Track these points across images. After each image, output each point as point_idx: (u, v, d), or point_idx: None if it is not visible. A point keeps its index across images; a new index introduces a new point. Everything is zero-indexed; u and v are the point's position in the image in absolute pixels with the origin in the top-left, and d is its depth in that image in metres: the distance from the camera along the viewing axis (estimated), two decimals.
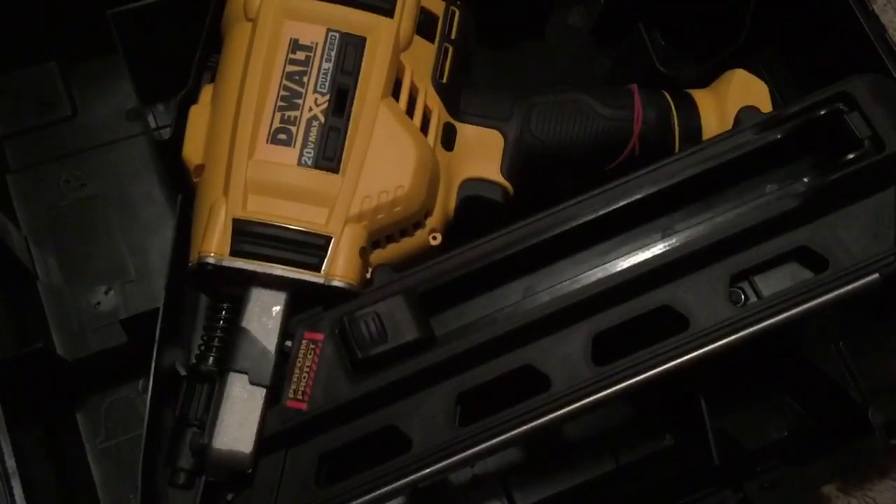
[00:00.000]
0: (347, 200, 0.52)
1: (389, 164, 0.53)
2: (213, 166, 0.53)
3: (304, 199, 0.52)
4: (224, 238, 0.51)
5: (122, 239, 0.63)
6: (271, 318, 0.51)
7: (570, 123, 0.59)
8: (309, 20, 0.54)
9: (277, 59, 0.53)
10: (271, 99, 0.53)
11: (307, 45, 0.54)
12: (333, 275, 0.51)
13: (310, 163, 0.52)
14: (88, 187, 0.65)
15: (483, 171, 0.58)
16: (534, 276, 0.54)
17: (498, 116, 0.59)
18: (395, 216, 0.53)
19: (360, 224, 0.52)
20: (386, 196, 0.53)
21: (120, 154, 0.65)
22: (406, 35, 0.56)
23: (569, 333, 0.51)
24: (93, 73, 0.67)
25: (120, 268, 0.63)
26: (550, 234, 0.52)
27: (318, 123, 0.53)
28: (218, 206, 0.51)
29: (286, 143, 0.52)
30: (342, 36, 0.54)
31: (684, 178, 0.52)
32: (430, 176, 0.55)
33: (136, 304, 0.61)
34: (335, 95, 0.53)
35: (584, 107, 0.59)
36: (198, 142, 0.55)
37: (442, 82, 0.57)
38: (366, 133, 0.53)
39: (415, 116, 0.55)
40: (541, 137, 0.59)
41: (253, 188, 0.52)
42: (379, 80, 0.54)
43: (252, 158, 0.52)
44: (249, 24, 0.54)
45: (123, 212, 0.64)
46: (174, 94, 0.58)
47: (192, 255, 0.52)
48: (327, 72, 0.54)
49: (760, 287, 0.52)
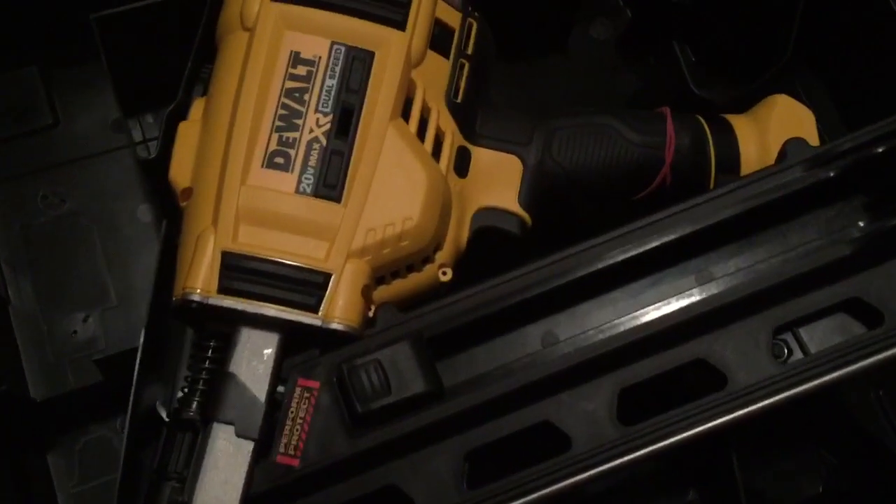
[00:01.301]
0: (350, 233, 0.47)
1: (397, 193, 0.48)
2: (202, 191, 0.48)
3: (301, 232, 0.47)
4: (211, 273, 0.46)
5: (104, 261, 0.58)
6: (262, 361, 0.46)
7: (595, 150, 0.54)
8: (312, 31, 0.49)
9: (276, 74, 0.48)
10: (268, 118, 0.48)
11: (309, 60, 0.49)
12: (332, 316, 0.46)
13: (309, 190, 0.47)
14: (68, 204, 0.60)
15: (499, 199, 0.53)
16: (554, 319, 0.49)
17: (517, 140, 0.54)
18: (403, 251, 0.48)
19: (364, 260, 0.47)
20: (392, 229, 0.47)
21: (104, 168, 0.60)
22: (418, 50, 0.51)
23: (592, 388, 0.46)
24: (77, 80, 0.62)
25: (100, 293, 0.58)
26: (575, 275, 0.47)
27: (319, 146, 0.48)
28: (206, 236, 0.46)
29: (283, 168, 0.47)
30: (348, 50, 0.49)
31: (724, 217, 0.47)
32: (442, 206, 0.50)
33: (116, 334, 0.57)
34: (339, 116, 0.48)
35: (612, 132, 0.54)
36: (186, 162, 0.50)
37: (456, 102, 0.52)
38: (372, 158, 0.48)
39: (426, 140, 0.50)
40: (563, 164, 0.54)
41: (245, 217, 0.47)
42: (388, 100, 0.49)
43: (245, 184, 0.47)
44: (246, 34, 0.49)
45: (106, 232, 0.59)
46: (164, 105, 0.54)
47: (176, 290, 0.47)
48: (331, 89, 0.49)
49: (805, 339, 0.47)
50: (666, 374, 0.46)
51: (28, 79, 0.62)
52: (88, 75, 0.61)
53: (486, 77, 0.55)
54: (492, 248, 0.54)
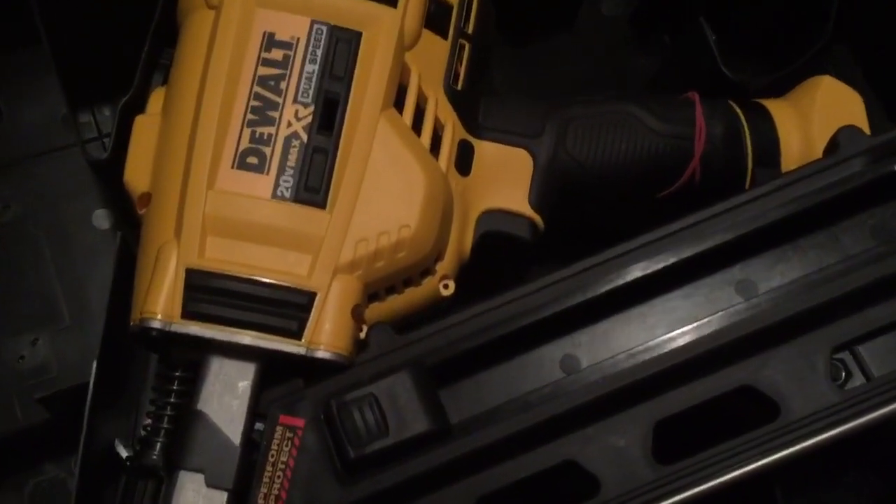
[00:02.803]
0: (337, 244, 0.40)
1: (391, 197, 0.41)
2: (163, 197, 0.42)
3: (279, 243, 0.40)
4: (174, 295, 0.39)
5: (55, 275, 0.51)
6: (236, 396, 0.40)
7: (615, 141, 0.47)
8: (288, 9, 0.42)
9: (247, 59, 0.41)
10: (238, 111, 0.41)
11: (286, 42, 0.42)
12: (318, 343, 0.39)
13: (288, 195, 0.40)
14: (13, 209, 0.52)
15: (507, 200, 0.46)
16: (573, 339, 0.42)
17: (526, 132, 0.47)
18: (399, 264, 0.41)
19: (354, 275, 0.40)
20: (387, 238, 0.41)
21: (54, 168, 0.53)
22: (412, 29, 0.44)
23: (623, 421, 0.39)
24: (22, 68, 0.54)
25: (51, 311, 0.50)
26: (597, 291, 0.41)
27: (298, 143, 0.41)
28: (167, 250, 0.40)
29: (257, 169, 0.40)
30: (331, 30, 0.42)
31: (772, 221, 0.41)
32: (443, 210, 0.43)
33: (70, 358, 0.49)
34: (321, 107, 0.41)
35: (633, 121, 0.47)
36: (143, 163, 0.43)
37: (456, 89, 0.45)
38: (361, 155, 0.41)
39: (423, 133, 0.43)
40: (579, 159, 0.47)
41: (213, 228, 0.40)
42: (378, 87, 0.42)
43: (213, 189, 0.40)
44: (211, 12, 0.42)
45: (57, 241, 0.52)
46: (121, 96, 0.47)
47: (134, 314, 0.40)
48: (311, 76, 0.42)
49: (866, 359, 0.41)
50: (708, 403, 0.39)
51: None
52: (35, 62, 0.53)
53: (488, 60, 0.49)
54: (499, 255, 0.47)
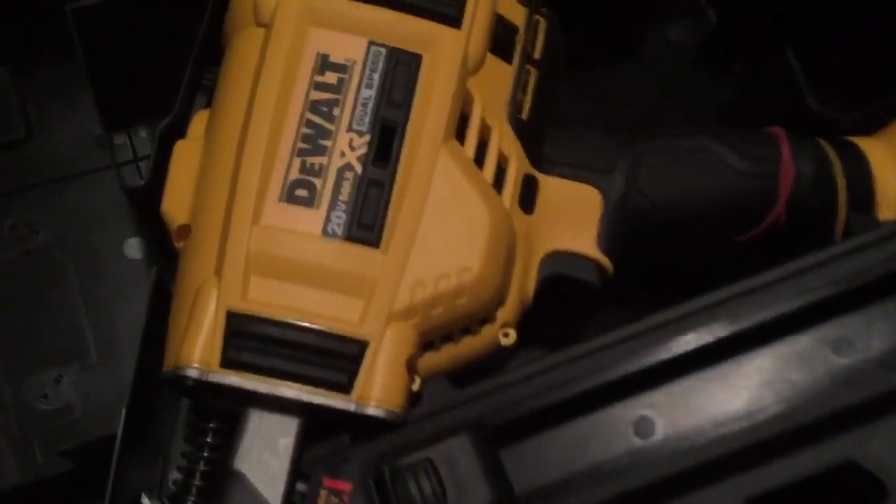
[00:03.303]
0: (392, 288, 0.37)
1: (452, 237, 0.38)
2: (204, 230, 0.38)
3: (329, 286, 0.36)
4: (213, 341, 0.35)
5: (83, 307, 0.48)
6: (276, 455, 0.36)
7: (692, 180, 0.43)
8: (344, 28, 0.39)
9: (298, 83, 0.38)
10: (288, 138, 0.38)
11: (341, 64, 0.39)
12: (369, 398, 0.35)
13: (339, 232, 0.37)
14: (42, 236, 0.49)
15: (573, 241, 0.42)
16: (648, 398, 0.38)
17: (596, 167, 0.43)
18: (458, 311, 0.38)
19: (409, 323, 0.37)
20: (446, 282, 0.37)
21: (85, 192, 0.50)
22: (477, 52, 0.40)
23: (709, 498, 0.35)
24: (56, 84, 0.51)
25: (77, 347, 0.47)
26: (679, 350, 0.37)
27: (352, 175, 0.38)
28: (207, 290, 0.36)
29: (307, 203, 0.37)
30: (390, 52, 0.39)
31: (876, 276, 0.37)
32: (507, 251, 0.39)
33: (96, 399, 0.46)
34: (378, 136, 0.38)
35: (712, 158, 0.43)
36: (183, 192, 0.39)
37: (521, 119, 0.42)
38: (419, 191, 0.38)
39: (486, 166, 0.40)
40: (653, 198, 0.43)
41: (257, 267, 0.36)
42: (439, 116, 0.38)
43: (258, 223, 0.37)
44: (261, 30, 0.39)
45: (86, 270, 0.48)
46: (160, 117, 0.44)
47: (168, 360, 0.37)
48: (367, 102, 0.38)
49: None
50: (805, 481, 0.35)
51: None
52: (69, 80, 0.50)
53: (555, 88, 0.45)
54: (563, 300, 0.44)
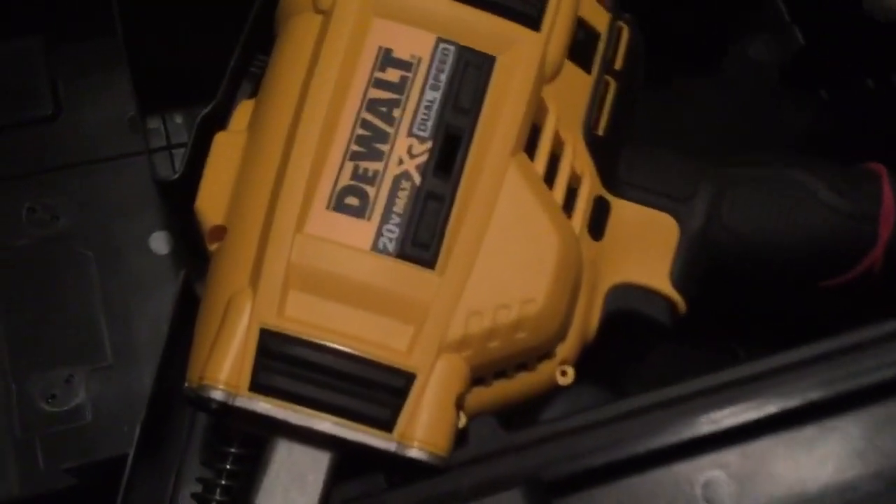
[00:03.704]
0: (445, 316, 0.33)
1: (516, 262, 0.34)
2: (240, 234, 0.34)
3: (376, 308, 0.33)
4: (243, 360, 0.31)
5: (101, 302, 0.44)
6: (304, 492, 0.32)
7: (782, 216, 0.39)
8: (411, 22, 0.35)
9: (357, 78, 0.34)
10: (341, 139, 0.34)
11: (405, 61, 0.35)
12: (411, 438, 0.31)
13: (391, 248, 0.33)
14: (62, 221, 0.45)
15: (644, 274, 0.38)
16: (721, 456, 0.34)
17: (674, 194, 0.39)
18: (517, 345, 0.34)
19: (462, 355, 0.33)
20: (506, 313, 0.33)
21: (113, 178, 0.45)
22: (555, 58, 0.36)
23: None
24: (90, 60, 0.47)
25: (92, 345, 0.43)
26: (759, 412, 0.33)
27: (409, 185, 0.34)
28: (240, 302, 0.32)
29: (357, 213, 0.33)
30: (460, 51, 0.35)
31: None
32: (574, 283, 0.35)
33: (108, 403, 0.42)
34: (441, 143, 0.34)
35: (803, 192, 0.39)
36: (221, 189, 0.36)
37: (597, 134, 0.38)
38: (483, 207, 0.34)
39: (556, 185, 0.36)
40: (735, 231, 0.39)
41: (297, 281, 0.33)
42: (510, 126, 0.34)
43: (302, 232, 0.33)
44: (319, 17, 0.35)
45: (107, 263, 0.44)
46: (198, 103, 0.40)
47: (191, 376, 0.33)
48: (431, 105, 0.34)
49: None
50: None
51: (28, 51, 0.47)
52: (105, 57, 0.47)
53: (634, 102, 0.41)
54: (627, 337, 0.40)
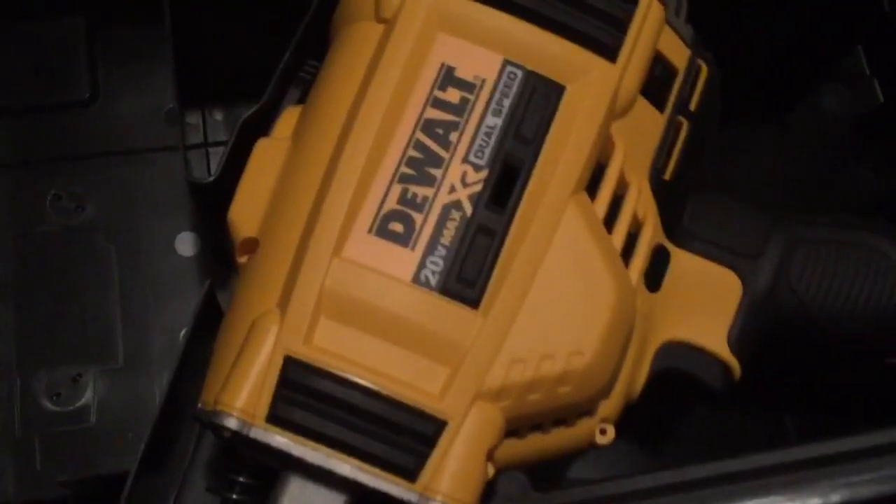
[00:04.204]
0: (485, 361, 0.30)
1: (566, 310, 0.31)
2: (273, 250, 0.32)
3: (411, 345, 0.30)
4: (262, 388, 0.29)
5: (118, 301, 0.42)
6: None
7: (854, 284, 0.36)
8: (478, 40, 0.32)
9: (415, 95, 0.32)
10: (392, 158, 0.31)
11: (468, 82, 0.32)
12: (436, 490, 0.29)
13: (433, 282, 0.30)
14: (87, 212, 0.43)
15: (700, 333, 0.36)
16: None
17: (740, 250, 0.36)
18: (559, 400, 0.31)
19: (498, 405, 0.30)
20: (551, 365, 0.30)
21: (145, 172, 0.44)
22: (628, 93, 0.33)
23: None
24: (133, 47, 0.46)
25: (104, 346, 0.41)
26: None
27: (459, 216, 0.31)
28: (265, 324, 0.30)
29: (401, 241, 0.31)
30: (527, 76, 0.32)
31: None
32: (626, 337, 0.33)
33: (115, 408, 0.40)
34: (498, 173, 0.31)
35: (882, 260, 0.36)
36: (257, 199, 0.33)
37: (664, 178, 0.35)
38: (537, 247, 0.31)
39: (616, 230, 0.33)
40: (803, 297, 0.36)
41: (329, 308, 0.30)
42: (574, 161, 0.32)
43: (339, 255, 0.30)
44: (380, 27, 0.33)
45: (129, 259, 0.43)
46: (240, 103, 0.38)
47: (206, 398, 0.31)
48: (492, 132, 0.32)
49: None
50: None
51: (69, 32, 0.46)
52: (149, 44, 0.45)
53: (704, 148, 0.38)
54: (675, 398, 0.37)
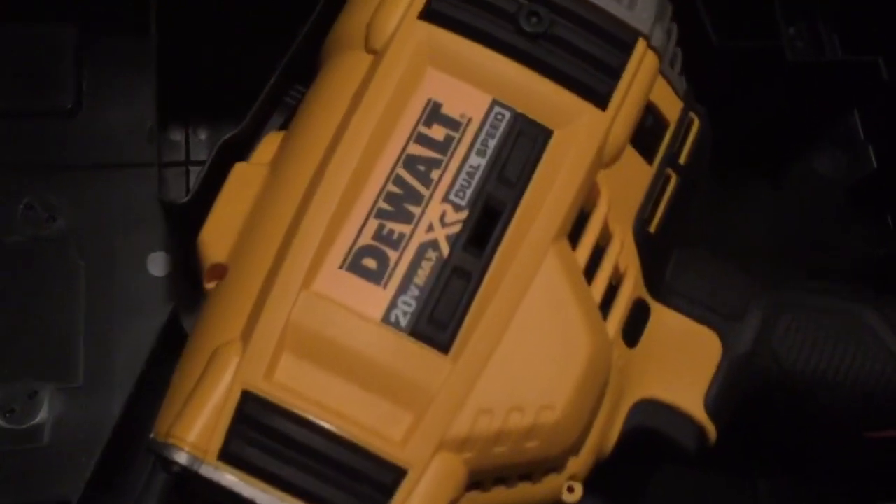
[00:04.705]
0: (451, 409, 0.29)
1: (538, 361, 0.30)
2: (241, 278, 0.31)
3: (375, 388, 0.29)
4: (217, 423, 0.28)
5: (83, 317, 0.40)
6: None
7: (837, 354, 0.35)
8: (467, 78, 0.32)
9: (398, 129, 0.31)
10: (370, 192, 0.30)
11: (453, 119, 0.31)
12: None
13: (404, 323, 0.29)
14: (58, 224, 0.42)
15: (676, 393, 0.34)
16: None
17: (722, 310, 0.35)
18: (525, 454, 0.30)
19: (462, 456, 0.29)
20: (519, 418, 0.29)
21: (121, 186, 0.42)
22: (618, 141, 0.33)
23: None
24: (122, 58, 0.44)
25: (64, 362, 0.39)
26: None
27: (435, 256, 0.30)
28: (225, 356, 0.29)
29: (373, 278, 0.30)
30: (515, 117, 0.31)
31: None
32: (600, 393, 0.32)
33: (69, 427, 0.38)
34: (478, 215, 0.31)
35: (867, 334, 0.35)
36: (229, 225, 0.32)
37: (649, 231, 0.34)
38: (513, 294, 0.30)
39: (596, 281, 0.32)
40: (784, 363, 0.35)
41: (294, 343, 0.29)
42: (557, 208, 0.31)
43: (309, 288, 0.29)
44: (369, 57, 0.32)
45: (98, 275, 0.41)
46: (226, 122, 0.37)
47: (159, 428, 0.29)
48: (475, 172, 0.31)
49: None
50: None
51: (58, 39, 0.45)
52: (138, 56, 0.44)
53: (692, 203, 0.38)
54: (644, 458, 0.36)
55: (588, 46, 0.32)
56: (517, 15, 0.32)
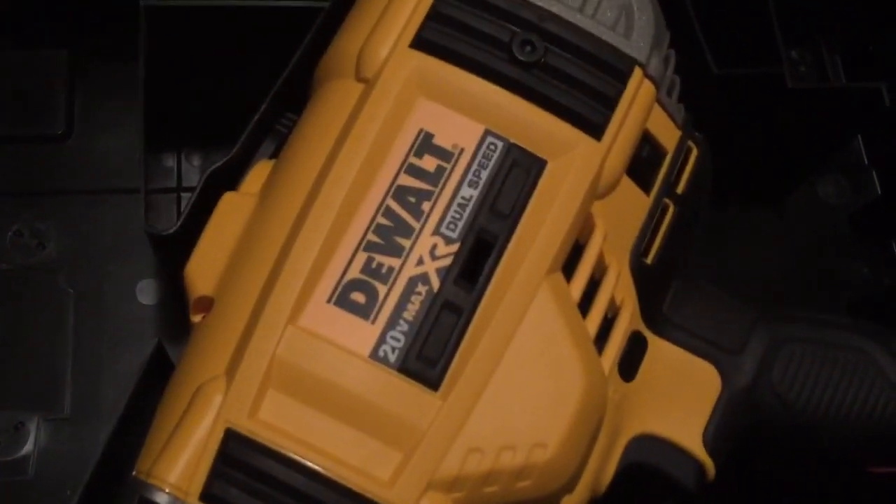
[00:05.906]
0: (441, 449, 0.28)
1: (531, 399, 0.29)
2: (226, 312, 0.30)
3: (363, 426, 0.28)
4: (199, 462, 0.27)
5: (72, 347, 0.40)
6: None
7: (840, 388, 0.34)
8: (460, 108, 0.31)
9: (389, 160, 0.30)
10: (359, 225, 0.30)
11: (445, 150, 0.31)
12: None
13: (392, 359, 0.29)
14: (48, 251, 0.41)
15: (674, 428, 0.34)
16: None
17: (722, 343, 0.34)
18: (516, 494, 0.29)
19: (450, 496, 0.28)
20: (511, 457, 0.29)
21: (111, 214, 0.42)
22: (613, 173, 0.32)
23: None
24: (114, 85, 0.45)
25: (51, 393, 0.39)
26: None
27: (425, 291, 0.29)
28: (209, 393, 0.28)
29: (361, 313, 0.29)
30: (508, 149, 0.31)
31: None
32: (595, 430, 0.31)
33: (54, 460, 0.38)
34: (469, 248, 0.30)
35: (870, 366, 0.34)
36: (216, 257, 0.31)
37: (645, 263, 0.34)
38: (505, 329, 0.29)
39: (591, 315, 0.31)
40: (785, 397, 0.34)
41: (279, 380, 0.28)
42: (551, 240, 0.30)
43: (295, 323, 0.29)
44: (360, 86, 0.31)
45: (88, 303, 0.41)
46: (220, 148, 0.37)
47: (140, 466, 0.28)
48: (467, 204, 0.30)
49: None
50: None
51: (50, 65, 0.45)
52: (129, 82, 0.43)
53: (691, 233, 0.37)
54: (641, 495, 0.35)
55: (583, 75, 0.31)
56: (510, 44, 0.31)
